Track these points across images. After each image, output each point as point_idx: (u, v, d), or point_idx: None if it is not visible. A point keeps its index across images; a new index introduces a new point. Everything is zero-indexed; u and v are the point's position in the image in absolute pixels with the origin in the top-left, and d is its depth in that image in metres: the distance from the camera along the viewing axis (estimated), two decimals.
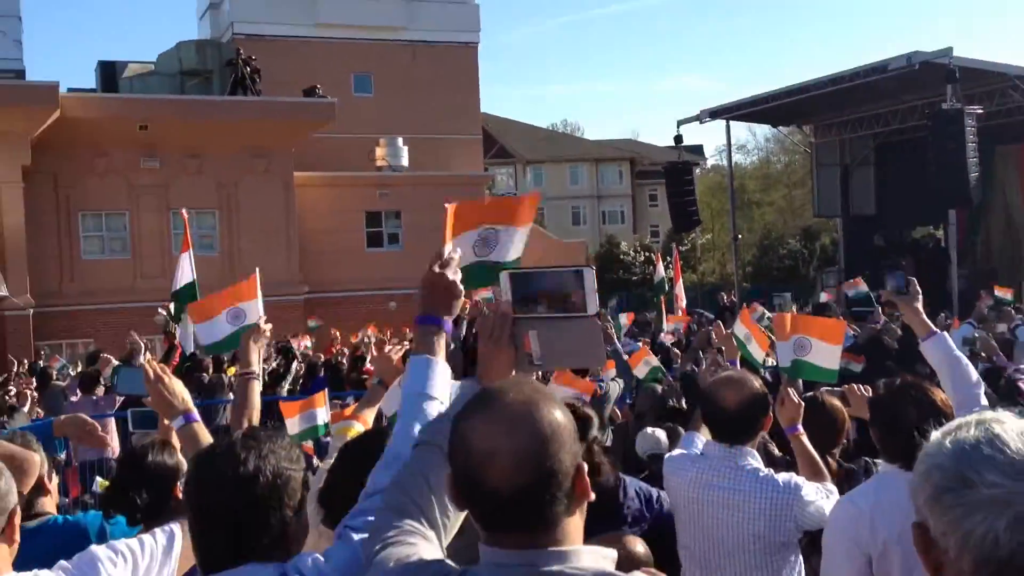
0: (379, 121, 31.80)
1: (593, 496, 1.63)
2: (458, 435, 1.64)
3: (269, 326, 4.31)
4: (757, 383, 3.72)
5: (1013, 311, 14.01)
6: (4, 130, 22.84)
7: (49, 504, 3.35)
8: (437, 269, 2.16)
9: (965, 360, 3.78)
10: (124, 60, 30.67)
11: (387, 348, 4.39)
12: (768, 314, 15.42)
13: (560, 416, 1.62)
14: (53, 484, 3.46)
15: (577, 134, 78.50)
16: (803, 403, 4.08)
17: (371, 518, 1.90)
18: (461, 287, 2.16)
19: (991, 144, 22.59)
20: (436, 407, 2.04)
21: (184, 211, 11.79)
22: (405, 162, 31.33)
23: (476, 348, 2.10)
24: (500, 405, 1.62)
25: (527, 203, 4.48)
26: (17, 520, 2.30)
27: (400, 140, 31.37)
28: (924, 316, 3.93)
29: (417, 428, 2.00)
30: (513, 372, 2.05)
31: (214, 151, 26.86)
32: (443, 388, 2.09)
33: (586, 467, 1.63)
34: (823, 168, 29.14)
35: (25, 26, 32.99)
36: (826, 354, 6.01)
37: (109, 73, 30.00)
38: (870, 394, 4.39)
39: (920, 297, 3.99)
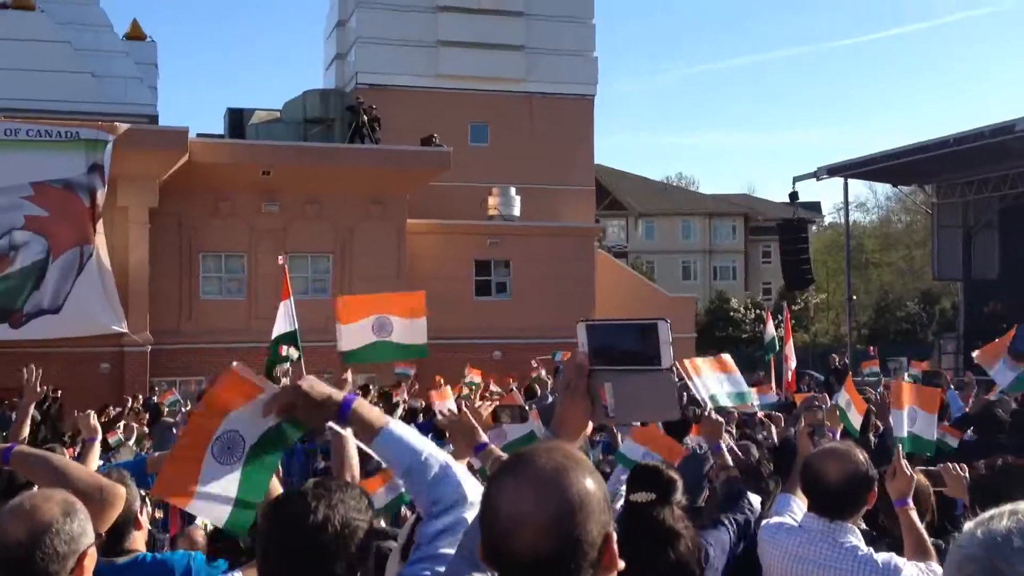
0: (493, 170, 32.25)
1: (622, 565, 1.60)
2: (487, 497, 1.64)
3: (350, 375, 4.30)
4: (862, 457, 3.60)
5: None
6: (135, 173, 24.00)
7: (139, 540, 3.41)
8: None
9: None
10: (252, 108, 31.97)
11: (478, 404, 4.34)
12: (878, 374, 14.92)
13: (590, 484, 1.60)
14: (144, 518, 3.53)
15: (691, 187, 78.02)
16: (915, 477, 3.91)
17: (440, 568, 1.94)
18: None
19: None
20: None
21: (281, 258, 11.58)
22: (517, 211, 31.62)
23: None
24: (530, 470, 1.61)
25: (415, 298, 4.81)
26: (88, 563, 2.34)
27: (513, 189, 31.71)
28: None
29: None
30: (589, 424, 2.05)
31: (332, 197, 27.60)
32: None
33: (615, 537, 1.60)
34: (944, 229, 28.25)
35: (160, 73, 34.73)
36: (926, 424, 5.79)
37: (237, 120, 31.29)
38: (966, 473, 4.18)
39: None
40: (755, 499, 5.39)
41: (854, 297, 30.00)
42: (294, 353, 9.45)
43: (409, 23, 33.38)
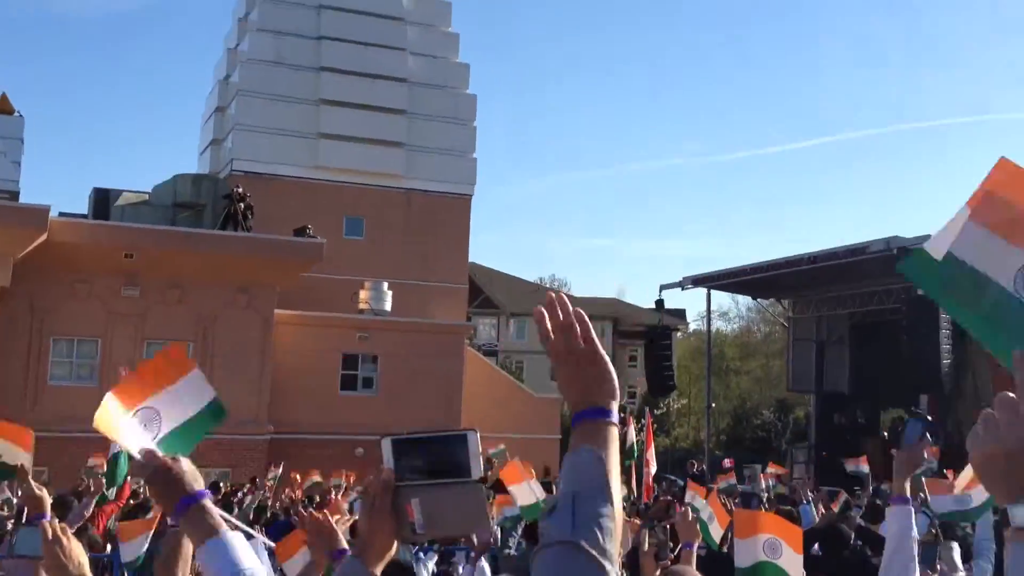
0: (367, 264, 32.17)
1: None
2: None
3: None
4: None
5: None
6: None
7: None
8: (581, 342, 1.74)
9: (913, 541, 3.68)
10: (120, 188, 31.18)
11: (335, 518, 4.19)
12: (735, 486, 15.29)
13: None
14: None
15: (564, 289, 79.34)
16: None
17: None
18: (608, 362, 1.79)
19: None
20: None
21: (123, 369, 11.09)
22: (388, 306, 31.49)
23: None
24: None
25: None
26: None
27: (385, 284, 31.62)
28: (908, 478, 3.82)
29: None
30: (395, 544, 1.96)
31: (197, 283, 26.96)
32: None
33: None
34: (799, 343, 29.43)
35: (27, 148, 33.69)
36: (794, 564, 5.74)
37: (102, 200, 30.45)
38: None
39: (925, 456, 3.87)
40: None
41: (713, 404, 30.76)
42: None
43: (290, 113, 33.40)
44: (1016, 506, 1.40)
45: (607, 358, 1.75)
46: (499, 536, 8.60)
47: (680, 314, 59.34)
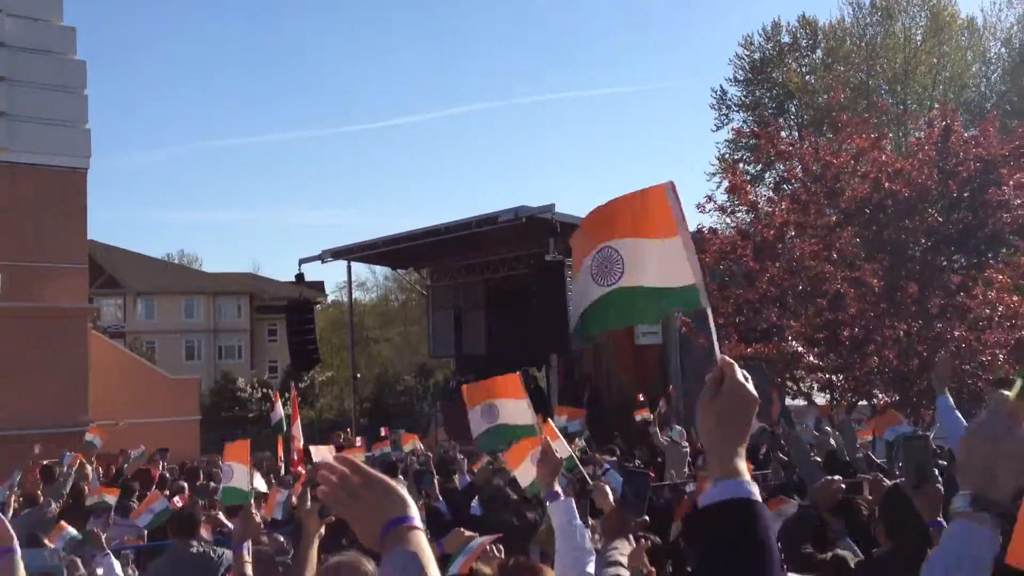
0: None
1: None
2: None
3: None
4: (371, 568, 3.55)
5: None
6: None
7: None
8: (355, 479, 1.81)
9: (579, 530, 3.88)
10: None
11: None
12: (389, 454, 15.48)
13: None
14: None
15: (195, 265, 76.17)
16: None
17: None
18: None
19: None
20: None
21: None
22: None
23: None
24: None
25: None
26: None
27: None
28: (555, 479, 3.99)
29: None
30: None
31: None
32: None
33: None
34: (438, 310, 30.34)
35: None
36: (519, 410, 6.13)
37: None
38: None
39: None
40: None
41: (358, 375, 31.01)
42: None
43: None
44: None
45: (381, 476, 1.80)
46: None
47: (319, 286, 59.20)
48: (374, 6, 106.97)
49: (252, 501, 5.97)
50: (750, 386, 1.82)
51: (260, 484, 9.82)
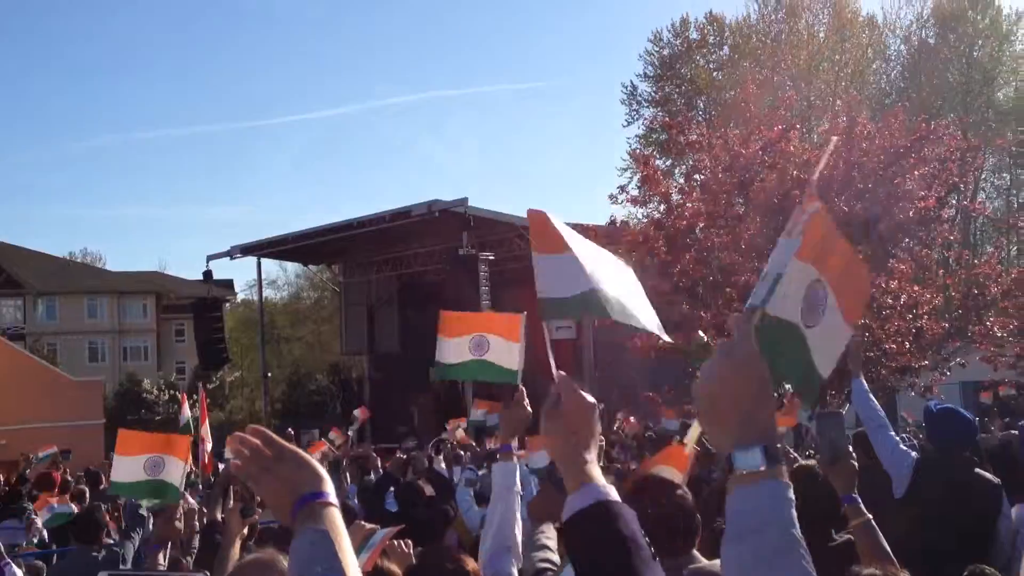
0: None
1: None
2: None
3: None
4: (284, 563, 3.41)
5: None
6: None
7: None
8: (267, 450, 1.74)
9: (516, 495, 3.76)
10: None
11: None
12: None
13: None
14: None
15: (98, 264, 73.98)
16: None
17: None
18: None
19: (502, 288, 24.64)
20: None
21: None
22: None
23: None
24: None
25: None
26: None
27: None
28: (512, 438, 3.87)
29: None
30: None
31: None
32: None
33: None
34: (351, 307, 29.99)
35: None
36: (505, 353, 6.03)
37: None
38: None
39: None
40: None
41: (269, 375, 30.46)
42: None
43: None
44: (740, 452, 1.48)
45: (295, 449, 1.74)
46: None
47: (228, 284, 58.01)
48: None
49: (181, 503, 5.95)
50: (586, 393, 1.90)
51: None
